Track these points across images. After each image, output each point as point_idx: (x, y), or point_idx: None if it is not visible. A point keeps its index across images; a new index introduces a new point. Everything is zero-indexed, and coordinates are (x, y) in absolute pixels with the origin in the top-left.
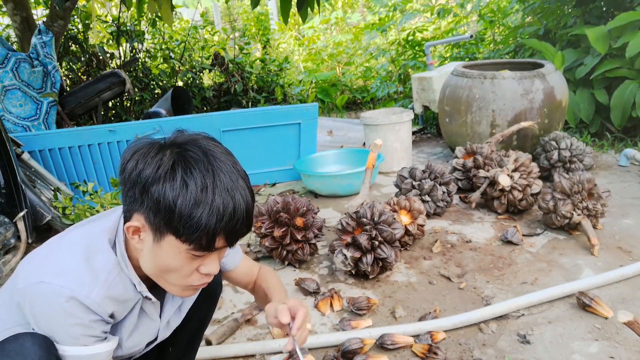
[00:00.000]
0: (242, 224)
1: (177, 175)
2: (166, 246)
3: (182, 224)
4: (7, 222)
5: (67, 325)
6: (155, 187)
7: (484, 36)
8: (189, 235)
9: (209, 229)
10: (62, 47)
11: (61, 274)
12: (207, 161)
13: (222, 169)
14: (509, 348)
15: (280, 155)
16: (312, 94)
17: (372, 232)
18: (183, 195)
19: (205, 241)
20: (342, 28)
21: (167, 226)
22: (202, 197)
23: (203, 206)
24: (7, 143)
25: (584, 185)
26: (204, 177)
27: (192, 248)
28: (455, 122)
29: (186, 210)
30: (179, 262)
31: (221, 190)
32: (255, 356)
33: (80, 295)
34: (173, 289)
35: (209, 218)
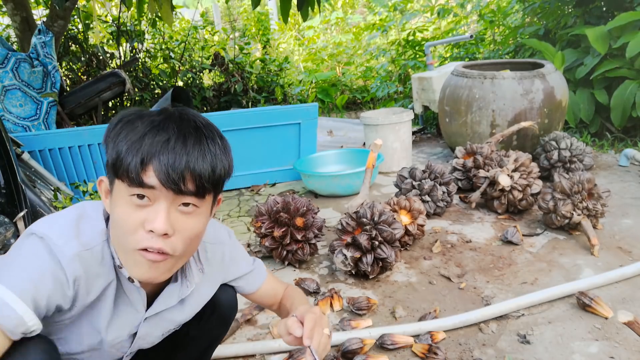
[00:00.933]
0: (184, 161)
1: (136, 121)
2: (115, 195)
3: (119, 159)
4: (7, 222)
5: (22, 264)
6: (112, 134)
7: (484, 36)
8: (123, 168)
9: (138, 157)
10: (62, 47)
11: (49, 227)
12: (175, 113)
13: (186, 118)
14: (509, 348)
15: (280, 155)
16: (312, 94)
17: (372, 232)
18: (128, 132)
19: (135, 171)
20: (342, 28)
21: (112, 168)
22: (146, 130)
23: (143, 137)
24: (7, 143)
25: (584, 185)
26: (159, 120)
27: (127, 185)
28: (455, 122)
29: (126, 144)
30: (122, 210)
31: (170, 126)
32: (255, 356)
33: (52, 241)
34: (128, 264)
35: (144, 145)
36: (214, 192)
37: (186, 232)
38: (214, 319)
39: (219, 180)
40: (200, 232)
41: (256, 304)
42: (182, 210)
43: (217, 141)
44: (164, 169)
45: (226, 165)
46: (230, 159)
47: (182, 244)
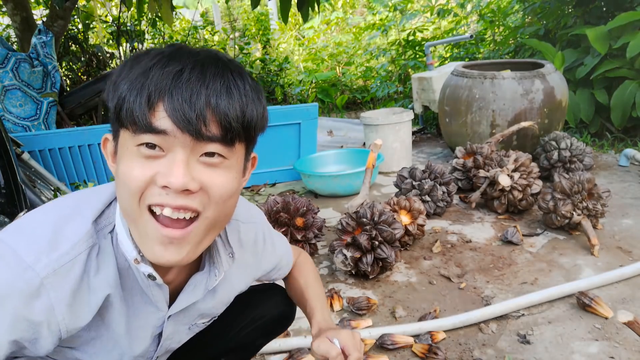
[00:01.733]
0: (202, 97)
1: (141, 59)
2: (120, 149)
3: (122, 100)
4: (7, 222)
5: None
6: (114, 76)
7: (484, 36)
8: (127, 112)
9: (144, 95)
10: (62, 47)
11: (21, 234)
12: (193, 51)
13: (207, 54)
14: (509, 348)
15: (280, 155)
16: (312, 94)
17: (372, 232)
18: (129, 67)
19: (142, 114)
20: (342, 28)
21: (115, 116)
22: (153, 64)
23: (148, 71)
24: (7, 143)
25: (584, 185)
26: (170, 53)
27: (132, 132)
28: (455, 122)
29: (128, 82)
30: (128, 164)
31: (185, 58)
32: (256, 356)
33: (22, 255)
34: (141, 238)
35: (150, 81)
36: (245, 141)
37: (215, 189)
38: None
39: (250, 125)
40: (234, 193)
41: None
42: (205, 162)
43: (247, 78)
44: (178, 106)
45: (260, 110)
46: (265, 106)
47: (213, 205)
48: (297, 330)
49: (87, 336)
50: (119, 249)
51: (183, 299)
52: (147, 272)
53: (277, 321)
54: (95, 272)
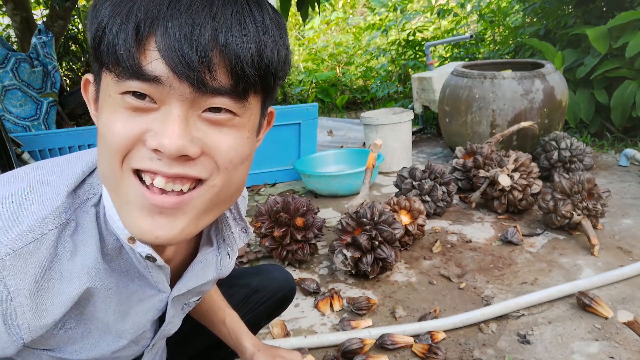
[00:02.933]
0: (204, 26)
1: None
2: (101, 96)
3: (102, 33)
4: None
5: None
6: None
7: (484, 36)
8: (109, 49)
9: (125, 15)
10: (62, 47)
11: None
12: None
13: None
14: (509, 348)
15: (280, 155)
16: (312, 94)
17: (372, 232)
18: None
19: (123, 46)
20: (342, 28)
21: (94, 53)
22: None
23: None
24: (7, 143)
25: (584, 185)
26: None
27: (115, 74)
28: (455, 122)
29: (109, 7)
30: (110, 117)
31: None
32: None
33: None
34: (123, 209)
35: (138, 9)
36: (262, 92)
37: (222, 153)
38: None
39: (269, 70)
40: (246, 158)
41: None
42: (209, 119)
43: (266, 7)
44: (175, 43)
45: (282, 51)
46: (288, 45)
47: (222, 172)
48: (297, 331)
49: (64, 335)
50: (107, 226)
51: (191, 279)
52: (145, 253)
53: (282, 300)
54: (71, 255)
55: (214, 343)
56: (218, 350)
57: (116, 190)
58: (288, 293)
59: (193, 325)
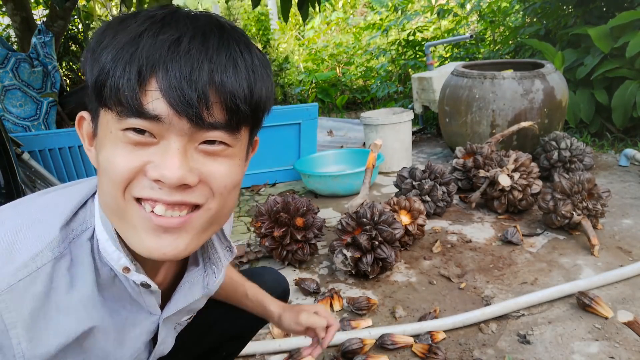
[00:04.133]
0: (201, 68)
1: (128, 22)
2: (101, 132)
3: (103, 74)
4: None
5: None
6: (92, 44)
7: (484, 36)
8: (111, 89)
9: (128, 59)
10: (62, 47)
11: None
12: (191, 15)
13: (207, 19)
14: (509, 348)
15: (280, 155)
16: (312, 94)
17: (372, 232)
18: (114, 32)
19: (127, 88)
20: (342, 28)
21: (94, 92)
22: (143, 29)
23: (137, 38)
24: (7, 143)
25: (584, 185)
26: (163, 16)
27: (117, 112)
28: (455, 122)
29: (112, 51)
30: (112, 152)
31: (183, 24)
32: (255, 356)
33: None
34: (128, 232)
35: (130, 43)
36: (252, 124)
37: (218, 180)
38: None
39: (258, 106)
40: (238, 183)
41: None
42: (205, 150)
43: (254, 49)
44: (176, 83)
45: (269, 88)
46: (273, 82)
47: (217, 197)
48: None
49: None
50: (101, 258)
51: (179, 299)
52: (140, 280)
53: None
54: (68, 288)
55: (208, 349)
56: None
57: (121, 218)
58: (281, 294)
59: (184, 341)
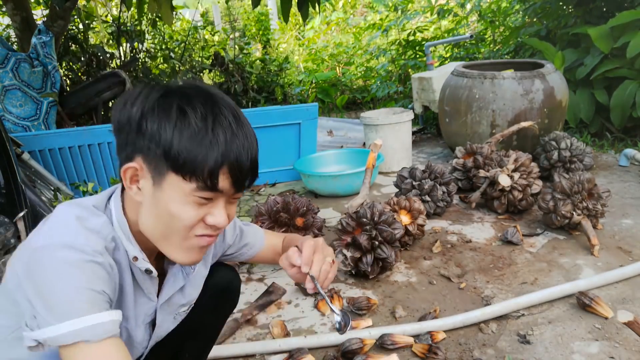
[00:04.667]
0: (248, 160)
1: (173, 104)
2: (169, 189)
3: (184, 157)
4: (7, 222)
5: (68, 280)
6: (150, 119)
7: (484, 36)
8: (192, 170)
9: (211, 162)
10: (62, 47)
11: (53, 233)
12: (205, 93)
13: (223, 104)
14: (509, 348)
15: (280, 155)
16: (312, 94)
17: (372, 232)
18: (181, 123)
19: (209, 177)
20: (342, 28)
21: (166, 161)
22: (203, 125)
23: (204, 136)
24: (7, 143)
25: (584, 185)
26: (204, 108)
27: (195, 188)
28: (455, 122)
29: (186, 141)
30: (182, 207)
31: (223, 120)
32: (255, 356)
33: (78, 244)
34: (175, 250)
35: (212, 149)
36: None
37: (231, 218)
38: (219, 297)
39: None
40: None
41: (261, 263)
42: (230, 202)
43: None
44: (236, 172)
45: None
46: None
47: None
48: (297, 331)
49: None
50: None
51: (168, 288)
52: (145, 267)
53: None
54: (119, 253)
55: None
56: (194, 340)
57: (167, 239)
58: (226, 285)
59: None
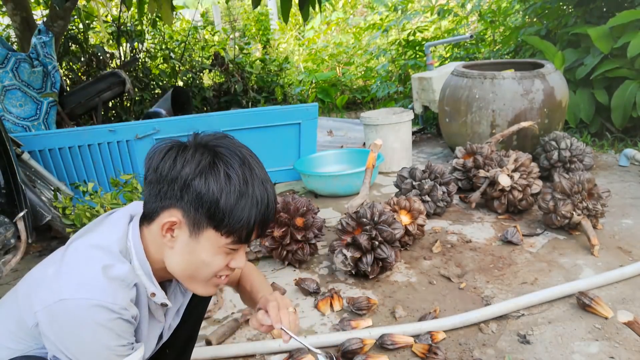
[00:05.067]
0: (273, 213)
1: (220, 169)
2: (204, 241)
3: (227, 217)
4: (7, 222)
5: (99, 339)
6: (198, 181)
7: (484, 36)
8: (231, 227)
9: (250, 221)
10: (62, 47)
11: (81, 287)
12: (240, 155)
13: (253, 162)
14: (509, 348)
15: (280, 155)
16: (312, 94)
17: (372, 232)
18: (227, 188)
19: (245, 233)
20: (342, 28)
21: (209, 219)
22: (244, 190)
23: (246, 198)
24: (7, 143)
25: (584, 185)
26: (242, 170)
27: (231, 242)
28: (455, 122)
29: (231, 202)
30: (213, 257)
31: (258, 182)
32: (255, 356)
33: (107, 303)
34: (197, 286)
35: (251, 209)
36: None
37: None
38: (196, 296)
39: None
40: None
41: None
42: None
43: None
44: (265, 226)
45: None
46: None
47: None
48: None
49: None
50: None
51: (172, 309)
52: (162, 301)
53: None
54: (139, 297)
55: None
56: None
57: (194, 279)
58: None
59: None
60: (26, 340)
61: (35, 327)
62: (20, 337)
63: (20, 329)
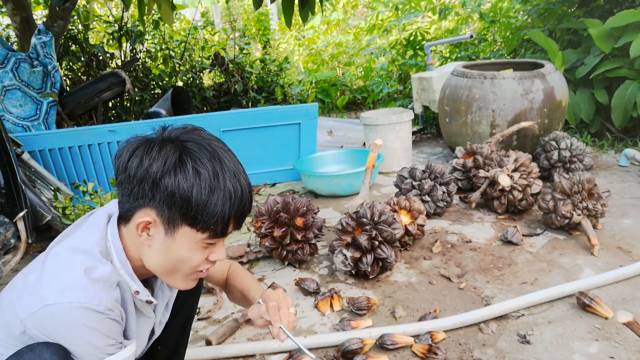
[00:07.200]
0: (249, 205)
1: (188, 166)
2: (180, 238)
3: (200, 213)
4: (7, 222)
5: (88, 340)
6: (167, 180)
7: (485, 36)
8: (206, 223)
9: (224, 215)
10: (62, 47)
11: (65, 291)
12: (209, 149)
13: (223, 155)
14: (509, 348)
15: (280, 155)
16: (312, 94)
17: (372, 232)
18: (197, 184)
19: (221, 227)
20: (342, 29)
21: (182, 217)
22: (215, 184)
23: (218, 192)
24: (7, 143)
25: (584, 185)
26: (212, 164)
27: (207, 237)
28: (455, 122)
29: (203, 199)
30: (191, 253)
31: (229, 175)
32: (255, 356)
33: (92, 305)
34: (177, 282)
35: (224, 203)
36: None
37: None
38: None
39: None
40: None
41: (205, 281)
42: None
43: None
44: (241, 217)
45: None
46: None
47: None
48: (297, 331)
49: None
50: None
51: (160, 305)
52: (146, 298)
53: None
54: (125, 296)
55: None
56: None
57: (174, 274)
58: None
59: None
60: (16, 346)
61: (23, 334)
62: (11, 343)
63: (9, 336)
